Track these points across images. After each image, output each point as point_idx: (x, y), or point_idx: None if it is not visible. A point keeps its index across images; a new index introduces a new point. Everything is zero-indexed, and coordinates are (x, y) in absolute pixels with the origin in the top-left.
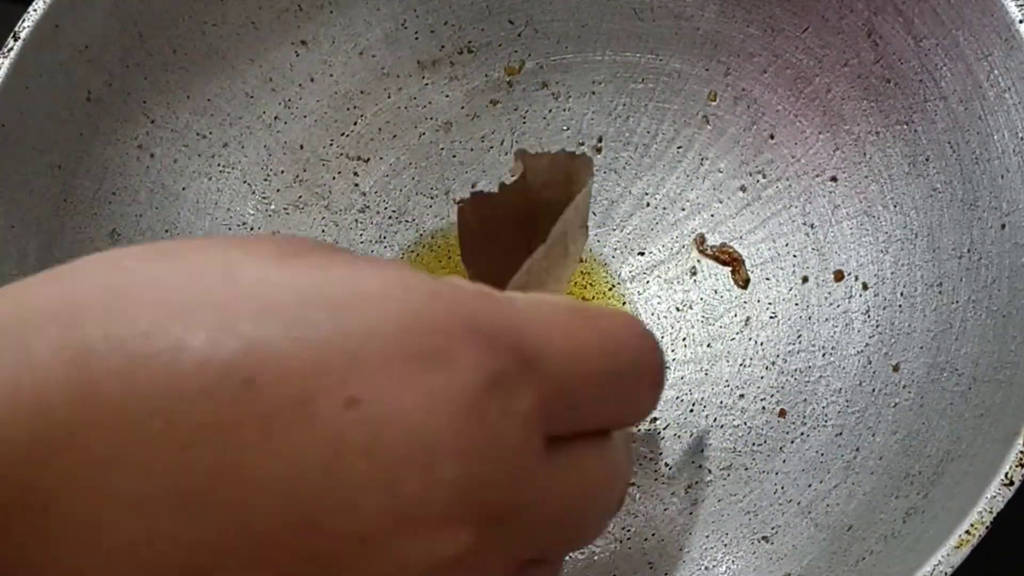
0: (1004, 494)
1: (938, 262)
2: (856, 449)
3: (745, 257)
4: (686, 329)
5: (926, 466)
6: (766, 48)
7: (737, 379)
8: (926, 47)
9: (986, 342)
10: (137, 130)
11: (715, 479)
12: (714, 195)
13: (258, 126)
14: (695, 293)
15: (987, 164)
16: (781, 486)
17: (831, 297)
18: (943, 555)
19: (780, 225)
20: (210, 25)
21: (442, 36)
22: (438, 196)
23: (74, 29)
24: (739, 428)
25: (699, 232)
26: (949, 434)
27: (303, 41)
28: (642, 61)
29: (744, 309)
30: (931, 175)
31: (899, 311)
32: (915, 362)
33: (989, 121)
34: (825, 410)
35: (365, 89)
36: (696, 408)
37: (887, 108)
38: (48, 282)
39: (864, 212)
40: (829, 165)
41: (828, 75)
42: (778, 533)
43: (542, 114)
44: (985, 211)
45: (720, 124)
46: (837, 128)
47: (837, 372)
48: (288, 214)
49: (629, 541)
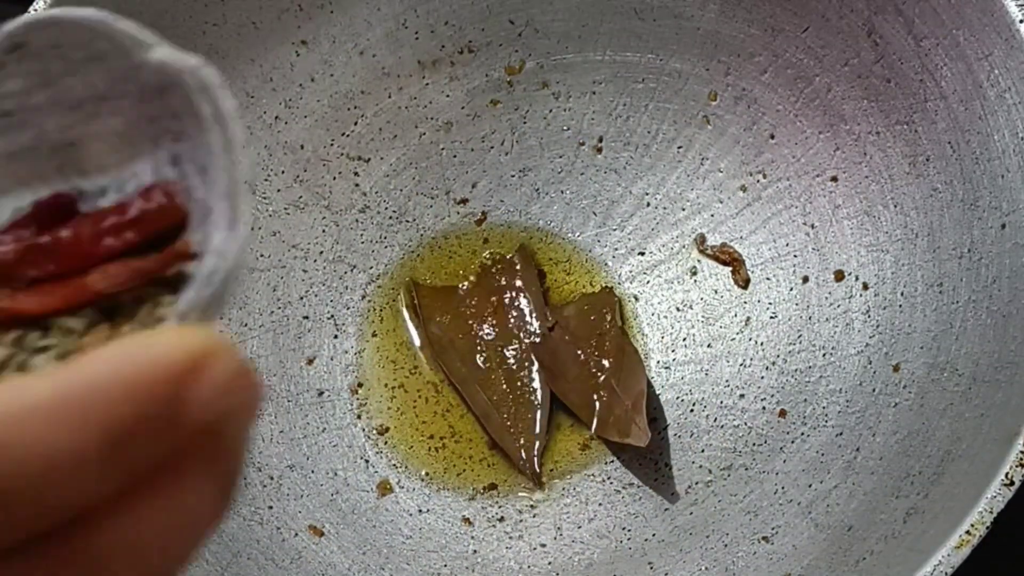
0: (1004, 494)
1: (938, 262)
2: (856, 449)
3: (745, 257)
4: (686, 329)
5: (926, 466)
6: (766, 48)
7: (737, 379)
8: (926, 47)
9: (986, 342)
10: None
11: (715, 479)
12: (714, 195)
13: (258, 126)
14: (695, 293)
15: (987, 164)
16: (781, 486)
17: (831, 297)
18: (943, 555)
19: (780, 225)
20: (210, 25)
21: (443, 36)
22: (438, 196)
23: None
24: (739, 428)
25: (699, 232)
26: (949, 434)
27: (303, 41)
28: (642, 61)
29: (744, 309)
30: (931, 175)
31: (899, 311)
32: (915, 362)
33: (989, 121)
34: (825, 410)
35: (366, 89)
36: (696, 408)
37: (887, 108)
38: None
39: (864, 212)
40: (830, 165)
41: (828, 75)
42: (778, 533)
43: (542, 114)
44: (985, 211)
45: (720, 124)
46: (837, 128)
47: (837, 372)
48: (288, 214)
49: (629, 541)
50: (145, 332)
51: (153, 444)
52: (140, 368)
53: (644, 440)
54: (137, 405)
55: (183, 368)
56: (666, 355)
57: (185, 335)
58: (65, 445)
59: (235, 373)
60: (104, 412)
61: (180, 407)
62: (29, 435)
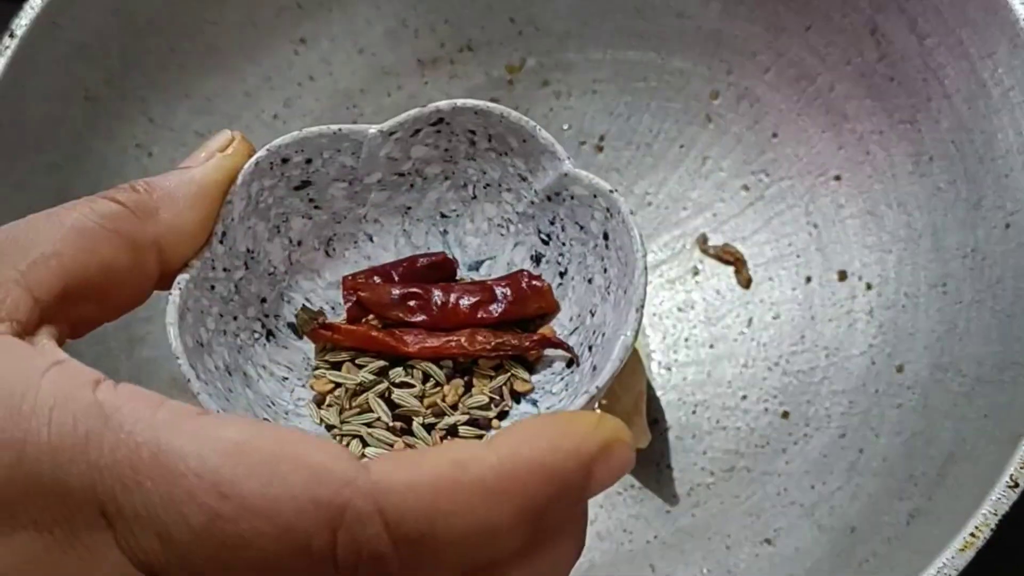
0: (1009, 496)
1: (942, 262)
2: (860, 450)
3: (748, 257)
4: (688, 330)
5: (930, 468)
6: (769, 46)
7: (740, 380)
8: (930, 45)
9: (990, 342)
10: (135, 129)
11: (717, 481)
12: (717, 194)
13: (257, 125)
14: (697, 293)
15: (991, 163)
16: (784, 488)
17: (834, 297)
18: (947, 558)
19: (783, 225)
20: (209, 23)
21: (443, 34)
22: None
23: (72, 27)
24: (741, 430)
25: (701, 232)
26: (953, 435)
27: (302, 39)
28: (644, 60)
29: (747, 309)
30: (935, 174)
31: (903, 311)
32: (919, 363)
33: (993, 120)
34: (828, 411)
35: (365, 88)
36: (698, 410)
37: (891, 107)
38: None
39: (868, 212)
40: (832, 164)
41: (831, 73)
42: (781, 535)
43: (543, 112)
44: (989, 210)
45: (722, 123)
46: (840, 127)
47: (840, 373)
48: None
49: (631, 543)
50: (564, 414)
51: (557, 515)
52: (562, 458)
53: (644, 441)
54: (554, 489)
55: (595, 457)
56: (667, 356)
57: (601, 423)
58: (492, 519)
59: (629, 458)
60: (527, 495)
61: (585, 489)
62: (466, 507)
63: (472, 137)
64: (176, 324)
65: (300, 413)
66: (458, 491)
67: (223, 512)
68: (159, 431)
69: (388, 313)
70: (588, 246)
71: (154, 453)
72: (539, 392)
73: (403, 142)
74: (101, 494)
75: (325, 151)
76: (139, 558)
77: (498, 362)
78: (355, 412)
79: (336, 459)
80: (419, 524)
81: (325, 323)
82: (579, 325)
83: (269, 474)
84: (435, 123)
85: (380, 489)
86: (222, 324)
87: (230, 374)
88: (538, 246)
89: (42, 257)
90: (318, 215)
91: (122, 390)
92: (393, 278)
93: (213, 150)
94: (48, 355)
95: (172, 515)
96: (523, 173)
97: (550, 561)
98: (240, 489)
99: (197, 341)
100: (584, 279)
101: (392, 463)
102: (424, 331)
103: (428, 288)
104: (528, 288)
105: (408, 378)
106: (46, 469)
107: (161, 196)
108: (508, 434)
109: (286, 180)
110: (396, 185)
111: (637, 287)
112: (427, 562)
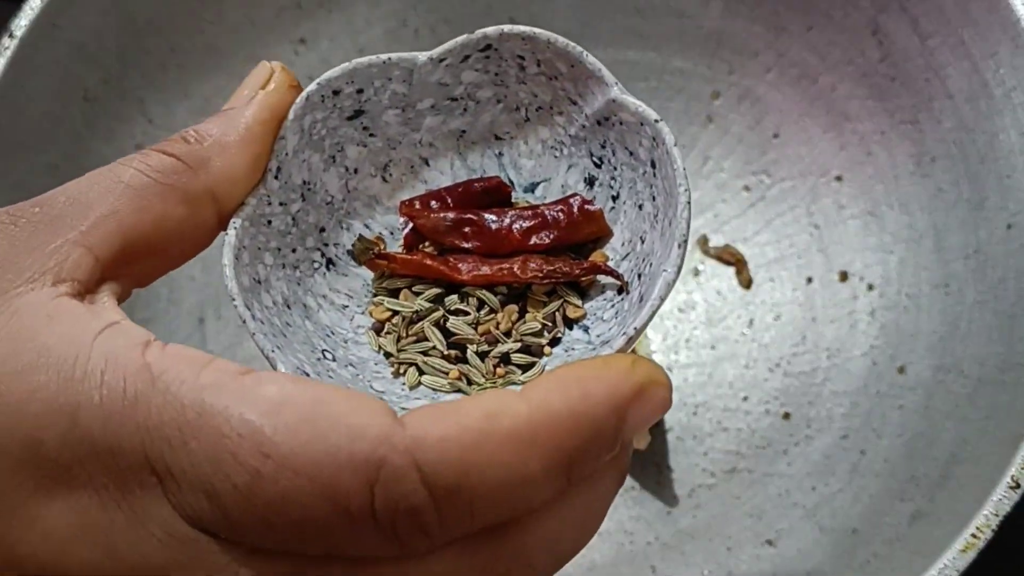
0: (1010, 497)
1: (944, 263)
2: (861, 452)
3: (749, 258)
4: (689, 331)
5: (932, 469)
6: (770, 46)
7: (741, 381)
8: (932, 45)
9: (992, 343)
10: (134, 129)
11: (719, 482)
12: (718, 195)
13: None
14: (698, 294)
15: (993, 164)
16: (785, 489)
17: (836, 298)
18: (949, 559)
19: (785, 225)
20: (208, 23)
21: (443, 34)
22: None
23: (71, 28)
24: (743, 431)
25: (703, 232)
26: (955, 437)
27: (302, 39)
28: (644, 60)
29: (748, 310)
30: (937, 175)
31: (905, 312)
32: (921, 364)
33: (995, 120)
34: (830, 412)
35: None
36: (700, 411)
37: (892, 107)
38: None
39: (869, 212)
40: (834, 164)
41: (833, 73)
42: (782, 536)
43: None
44: (991, 211)
45: (724, 123)
46: (842, 127)
47: (842, 374)
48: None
49: (632, 545)
50: (599, 359)
51: (590, 464)
52: (593, 405)
53: (644, 443)
54: (585, 437)
55: (629, 400)
56: (668, 357)
57: (635, 367)
58: (525, 470)
59: (666, 399)
60: (559, 445)
61: (619, 433)
62: (499, 459)
63: (521, 62)
64: (232, 265)
65: (359, 341)
66: (491, 443)
67: (265, 471)
68: (203, 392)
69: (443, 239)
70: (638, 172)
71: (199, 414)
72: (591, 319)
73: (453, 68)
74: (151, 454)
75: (376, 80)
76: (188, 514)
77: (551, 288)
78: (412, 340)
79: (372, 415)
80: (454, 477)
81: (381, 252)
82: (630, 251)
83: (309, 432)
84: (483, 49)
85: (415, 444)
86: (280, 258)
87: (289, 307)
88: (591, 169)
89: (100, 217)
90: (373, 142)
91: (170, 351)
92: (448, 203)
93: (255, 87)
94: (103, 316)
95: (217, 474)
96: (573, 97)
97: (586, 503)
98: (280, 448)
99: (254, 279)
100: (635, 204)
101: (427, 417)
102: (478, 258)
103: (481, 214)
104: (580, 212)
105: (463, 305)
106: (98, 431)
107: (212, 144)
108: (541, 383)
109: (339, 111)
110: (449, 109)
111: (680, 221)
112: (462, 513)
